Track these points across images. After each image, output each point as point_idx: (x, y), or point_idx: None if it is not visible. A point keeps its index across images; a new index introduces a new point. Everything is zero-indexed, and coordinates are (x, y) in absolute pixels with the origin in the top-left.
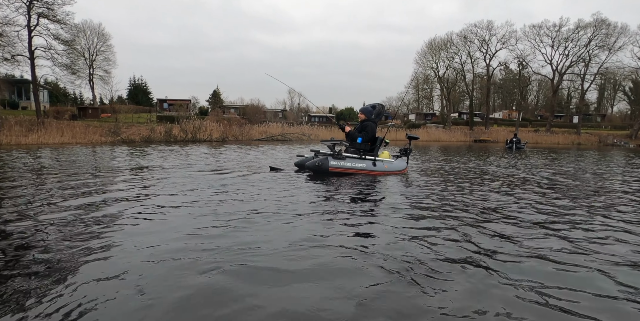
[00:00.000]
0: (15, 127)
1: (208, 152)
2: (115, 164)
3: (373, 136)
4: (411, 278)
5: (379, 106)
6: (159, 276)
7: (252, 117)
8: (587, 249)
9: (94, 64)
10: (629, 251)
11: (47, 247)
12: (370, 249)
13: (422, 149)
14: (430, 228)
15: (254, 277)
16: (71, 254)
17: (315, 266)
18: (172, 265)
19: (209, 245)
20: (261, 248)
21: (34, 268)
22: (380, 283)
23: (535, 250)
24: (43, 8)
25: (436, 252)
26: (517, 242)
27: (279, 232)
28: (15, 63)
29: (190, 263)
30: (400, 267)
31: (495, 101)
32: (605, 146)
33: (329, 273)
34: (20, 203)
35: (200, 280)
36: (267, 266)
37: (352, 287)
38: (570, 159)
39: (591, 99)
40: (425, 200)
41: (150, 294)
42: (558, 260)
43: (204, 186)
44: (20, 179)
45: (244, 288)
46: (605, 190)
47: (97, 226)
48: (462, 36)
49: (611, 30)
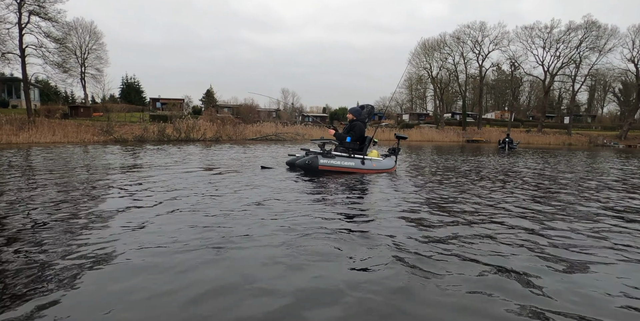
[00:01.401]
0: (5, 126)
1: (201, 152)
2: (108, 162)
3: (361, 135)
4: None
5: (368, 106)
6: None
7: (246, 117)
8: (586, 246)
9: (85, 63)
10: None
11: (39, 245)
12: (352, 240)
13: (414, 149)
14: (410, 219)
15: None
16: (65, 251)
17: (292, 255)
18: (165, 259)
19: (201, 240)
20: (244, 240)
21: (31, 267)
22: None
23: (515, 242)
24: (34, 5)
25: (412, 243)
26: (496, 235)
27: (260, 224)
28: (6, 61)
29: (179, 255)
30: (386, 258)
31: (488, 102)
32: (596, 147)
33: (308, 260)
34: (12, 201)
35: (187, 276)
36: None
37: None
38: (563, 158)
39: (582, 100)
40: (409, 196)
41: (140, 287)
42: (548, 256)
43: (195, 184)
44: (16, 178)
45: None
46: (601, 187)
47: (87, 224)
48: (455, 37)
49: (601, 33)
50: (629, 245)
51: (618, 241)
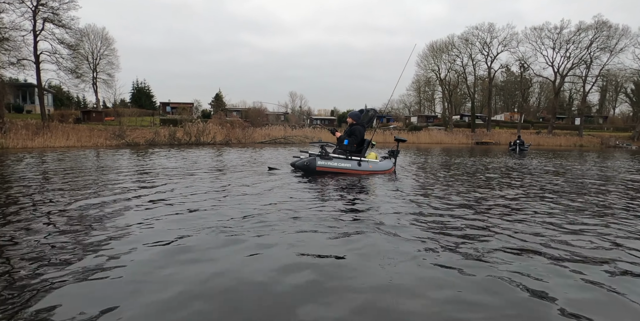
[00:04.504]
0: (21, 130)
1: (212, 154)
2: (124, 165)
3: (361, 139)
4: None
5: (370, 111)
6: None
7: (254, 120)
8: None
9: (97, 68)
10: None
11: (54, 245)
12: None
13: (422, 151)
14: (399, 217)
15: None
16: (79, 249)
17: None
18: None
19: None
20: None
21: (44, 268)
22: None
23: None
24: (48, 13)
25: (405, 236)
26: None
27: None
28: (21, 67)
29: (192, 251)
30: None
31: (497, 103)
32: (608, 148)
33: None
34: (37, 202)
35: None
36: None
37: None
38: (580, 161)
39: (593, 101)
40: (404, 195)
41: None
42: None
43: (207, 183)
44: (40, 180)
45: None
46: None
47: (103, 226)
48: (463, 39)
49: (612, 32)
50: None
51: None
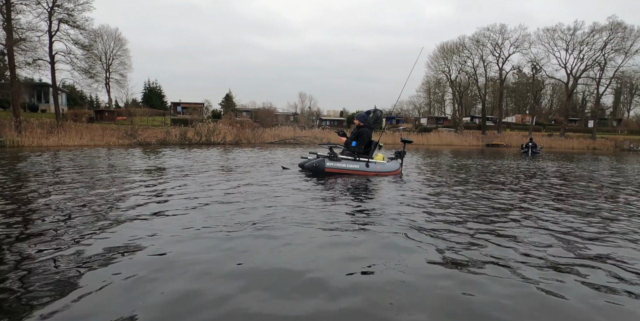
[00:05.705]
0: (37, 129)
1: (223, 154)
2: (136, 164)
3: (369, 141)
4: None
5: (376, 112)
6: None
7: (264, 121)
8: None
9: (110, 68)
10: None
11: (64, 244)
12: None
13: (432, 153)
14: (403, 217)
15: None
16: (88, 249)
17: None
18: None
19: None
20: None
21: (54, 264)
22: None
23: (521, 247)
24: (64, 14)
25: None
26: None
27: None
28: (37, 67)
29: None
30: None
31: (508, 105)
32: (622, 151)
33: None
34: (57, 199)
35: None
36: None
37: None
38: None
39: (607, 103)
40: (407, 198)
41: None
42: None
43: (220, 181)
44: (59, 176)
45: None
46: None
47: (116, 221)
48: (474, 40)
49: (627, 34)
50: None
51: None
